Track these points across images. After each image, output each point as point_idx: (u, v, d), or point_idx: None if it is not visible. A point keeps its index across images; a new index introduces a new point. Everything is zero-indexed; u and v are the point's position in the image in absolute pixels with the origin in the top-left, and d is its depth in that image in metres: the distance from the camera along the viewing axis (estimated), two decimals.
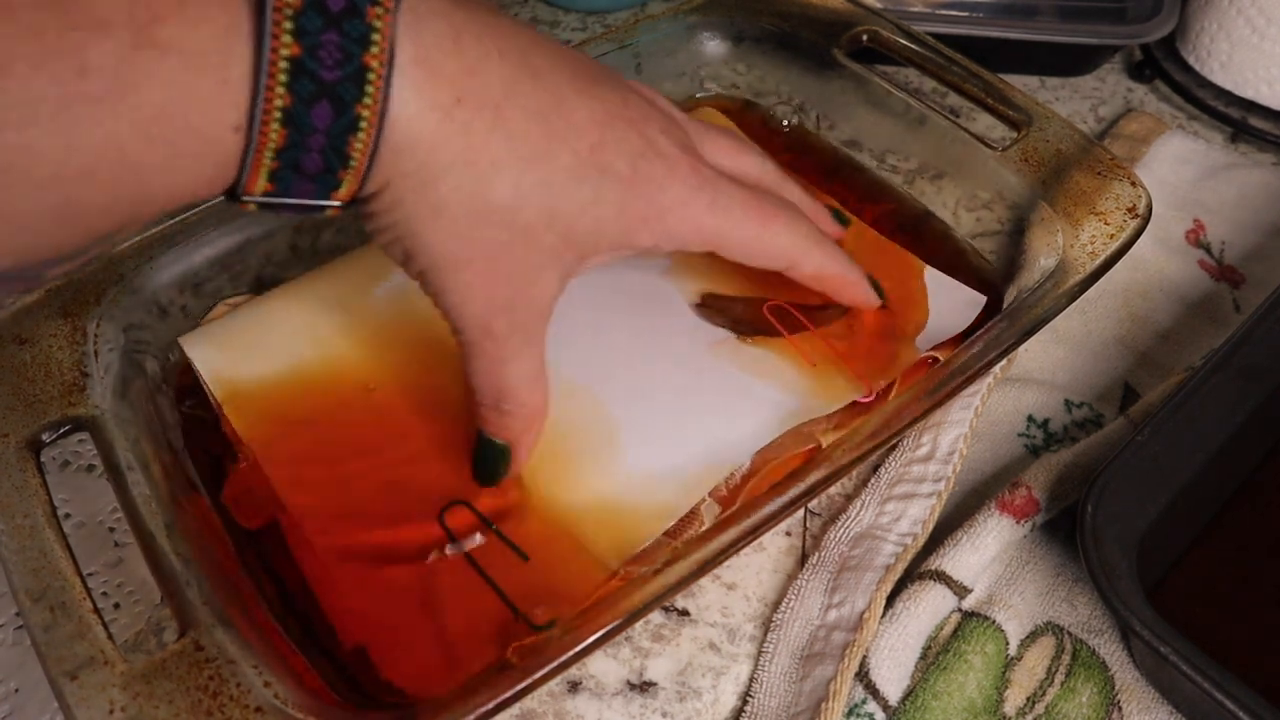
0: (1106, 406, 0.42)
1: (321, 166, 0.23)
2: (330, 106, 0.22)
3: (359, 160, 0.23)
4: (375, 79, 0.22)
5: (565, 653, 0.27)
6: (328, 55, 0.21)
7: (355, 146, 0.23)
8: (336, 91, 0.22)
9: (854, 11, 0.47)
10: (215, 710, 0.26)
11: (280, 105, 0.21)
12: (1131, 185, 0.40)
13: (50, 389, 0.32)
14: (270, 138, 0.22)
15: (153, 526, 0.30)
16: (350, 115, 0.22)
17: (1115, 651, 0.35)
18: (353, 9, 0.22)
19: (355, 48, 0.22)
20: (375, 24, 0.22)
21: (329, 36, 0.21)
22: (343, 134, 0.23)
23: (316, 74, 0.21)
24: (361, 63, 0.22)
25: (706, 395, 0.36)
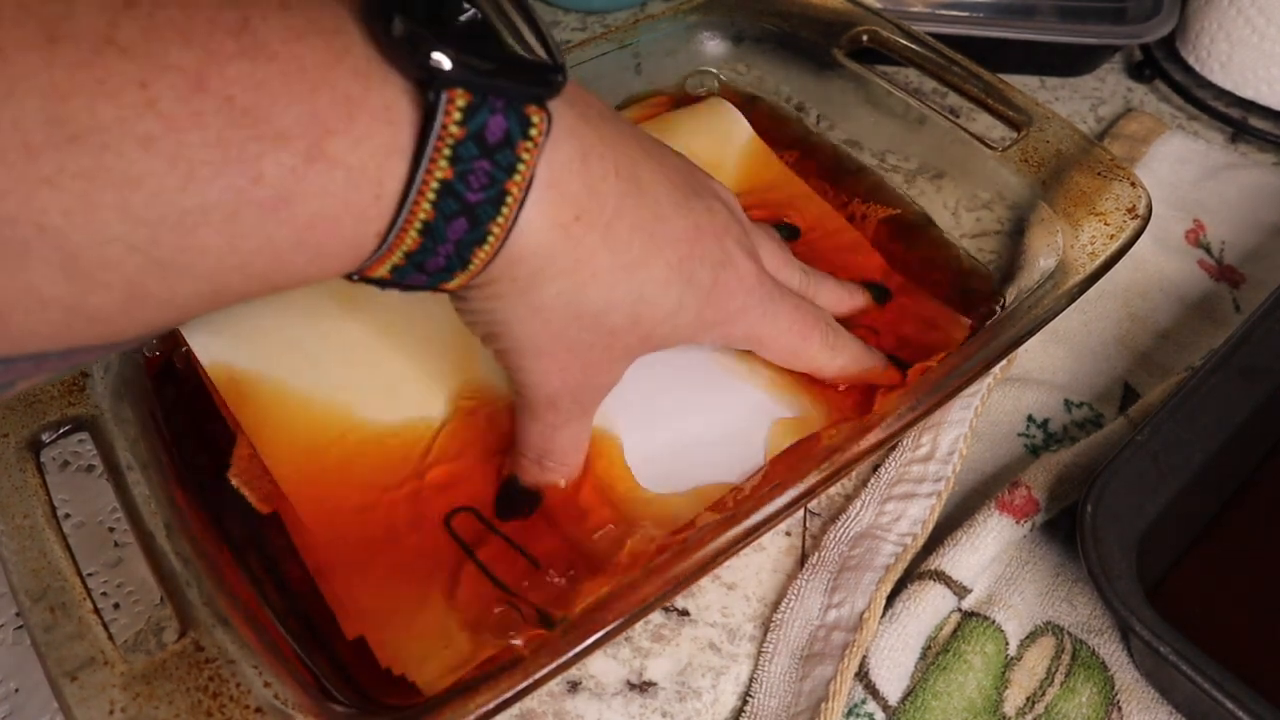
0: (1106, 406, 0.42)
1: (442, 267, 0.24)
2: (467, 222, 0.23)
3: (478, 266, 0.24)
4: (512, 202, 0.23)
5: (565, 653, 0.27)
6: (476, 180, 0.22)
7: (478, 256, 0.24)
8: (475, 211, 0.23)
9: (854, 11, 0.47)
10: (215, 710, 0.26)
11: (423, 219, 0.22)
12: (1131, 185, 0.40)
13: (50, 389, 0.32)
14: (405, 243, 0.23)
15: (153, 526, 0.30)
16: (482, 231, 0.23)
17: (1115, 651, 0.35)
18: (507, 141, 0.22)
19: (501, 175, 0.23)
20: (523, 156, 0.23)
21: (481, 164, 0.22)
22: (470, 245, 0.24)
23: (462, 196, 0.22)
24: (504, 189, 0.23)
25: (708, 407, 0.36)
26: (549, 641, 0.28)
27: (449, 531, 0.32)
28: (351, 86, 0.21)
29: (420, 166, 0.22)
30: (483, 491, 0.34)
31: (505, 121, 0.22)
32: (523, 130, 0.23)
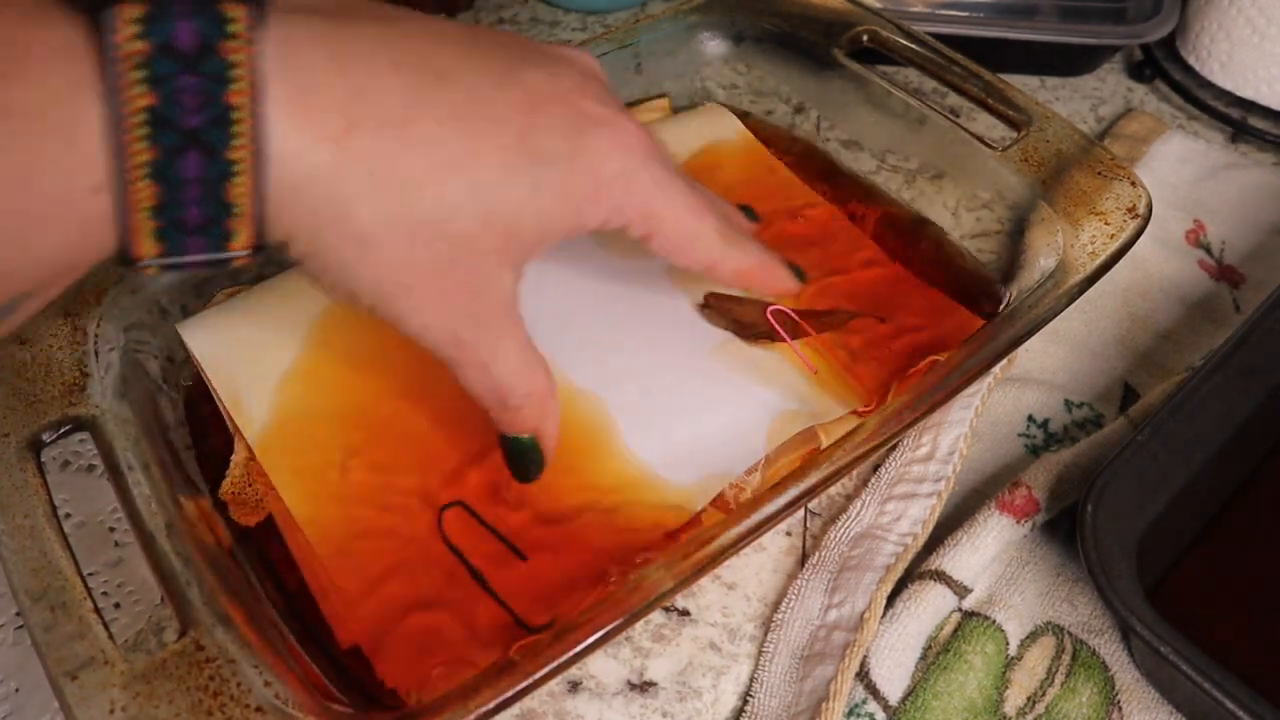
0: (1106, 406, 0.42)
1: (204, 219, 0.21)
2: (199, 154, 0.20)
3: (244, 206, 0.22)
4: (243, 117, 0.21)
5: (565, 653, 0.27)
6: (188, 100, 0.20)
7: (234, 192, 0.21)
8: (202, 138, 0.20)
9: (854, 11, 0.47)
10: (215, 710, 0.26)
11: (144, 160, 0.20)
12: (1131, 185, 0.40)
13: (51, 389, 0.32)
14: (140, 196, 0.20)
15: (153, 526, 0.30)
16: (222, 160, 0.21)
17: (1115, 651, 0.35)
18: (206, 48, 0.20)
19: (216, 87, 0.20)
20: (233, 59, 0.20)
21: (186, 80, 0.20)
22: (219, 181, 0.21)
23: (177, 122, 0.20)
24: (225, 103, 0.20)
25: (709, 400, 0.36)
26: (549, 641, 0.28)
27: (440, 534, 0.32)
28: (15, 31, 0.19)
29: (114, 98, 0.19)
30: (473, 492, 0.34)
31: (194, 24, 0.20)
32: (219, 29, 0.20)
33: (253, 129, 0.21)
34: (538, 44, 0.28)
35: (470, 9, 0.63)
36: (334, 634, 0.31)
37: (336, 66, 0.22)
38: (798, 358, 0.38)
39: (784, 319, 0.39)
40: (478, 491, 0.34)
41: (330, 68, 0.22)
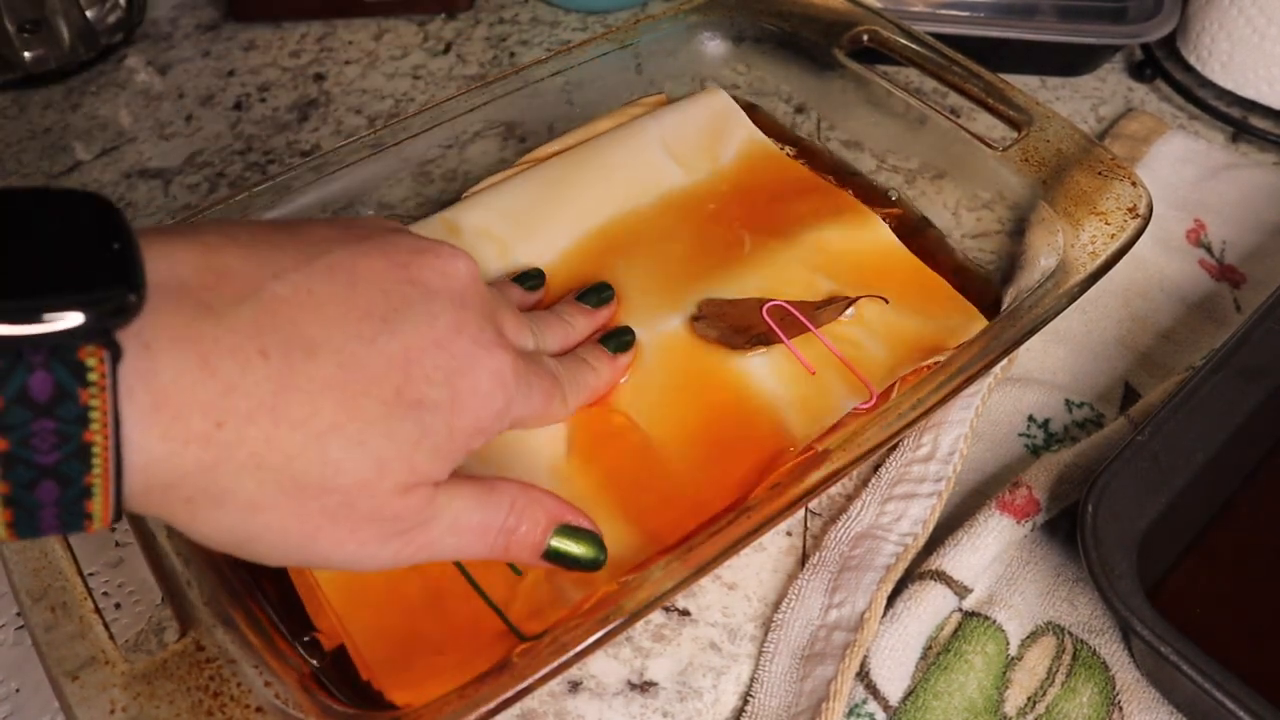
0: (1107, 406, 0.42)
1: (59, 524, 0.21)
2: (55, 484, 0.21)
3: (100, 514, 0.22)
4: (101, 452, 0.21)
5: (565, 653, 0.27)
6: (41, 442, 0.20)
7: (93, 508, 0.21)
8: (59, 471, 0.20)
9: (854, 11, 0.47)
10: (216, 710, 0.26)
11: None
12: (1132, 185, 0.40)
13: None
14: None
15: (153, 526, 0.30)
16: (78, 488, 0.21)
17: (1116, 651, 0.35)
18: (63, 394, 0.20)
19: (73, 429, 0.20)
20: (91, 404, 0.20)
21: (42, 425, 0.20)
22: (75, 501, 0.21)
23: (31, 461, 0.20)
24: (82, 441, 0.20)
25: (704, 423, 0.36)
26: (549, 641, 0.28)
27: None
28: None
29: None
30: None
31: (51, 375, 0.20)
32: (79, 378, 0.20)
33: (111, 458, 0.21)
34: (419, 263, 0.27)
35: (470, 9, 0.63)
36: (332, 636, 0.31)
37: (202, 368, 0.22)
38: (796, 359, 0.38)
39: (782, 315, 0.38)
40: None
41: (195, 372, 0.22)
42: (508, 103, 0.44)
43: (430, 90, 0.57)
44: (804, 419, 0.36)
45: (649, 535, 0.33)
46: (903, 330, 0.39)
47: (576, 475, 0.35)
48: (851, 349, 0.38)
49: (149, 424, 0.21)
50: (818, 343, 0.38)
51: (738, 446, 0.35)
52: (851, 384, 0.37)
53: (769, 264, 0.41)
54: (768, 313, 0.38)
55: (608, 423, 0.36)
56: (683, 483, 0.34)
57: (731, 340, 0.38)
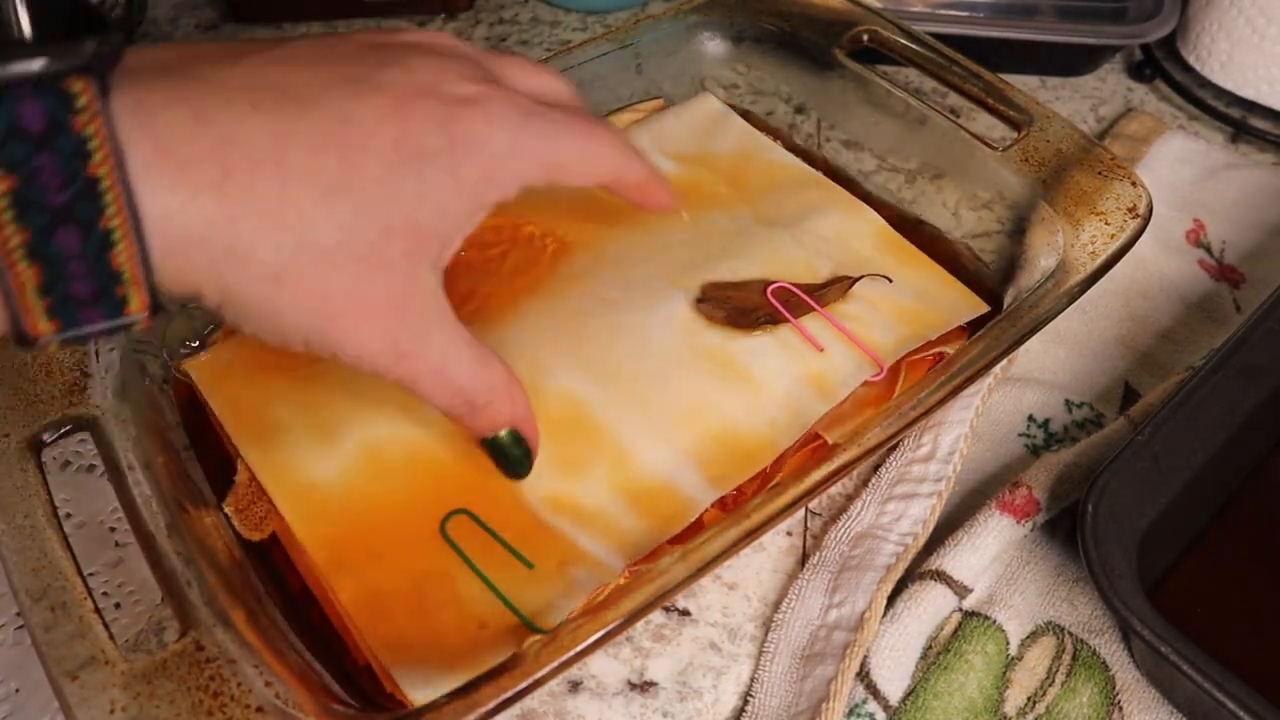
0: (1107, 406, 0.42)
1: (96, 291, 0.21)
2: (75, 229, 0.21)
3: (131, 271, 0.22)
4: (110, 187, 0.21)
5: (566, 653, 0.27)
6: (49, 179, 0.20)
7: (119, 261, 0.21)
8: (73, 213, 0.20)
9: (854, 11, 0.47)
10: (216, 710, 0.26)
11: (18, 243, 0.20)
12: (1132, 185, 0.40)
13: (51, 389, 0.32)
14: (23, 277, 0.21)
15: (153, 526, 0.30)
16: (99, 231, 0.21)
17: (1116, 651, 0.35)
18: (55, 125, 0.20)
19: (75, 162, 0.20)
20: (86, 131, 0.20)
21: (43, 159, 0.20)
22: (102, 252, 0.21)
23: (43, 202, 0.20)
24: (87, 176, 0.20)
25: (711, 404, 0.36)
26: (550, 641, 0.28)
27: (445, 538, 0.32)
28: None
29: None
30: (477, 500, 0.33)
31: (40, 103, 0.20)
32: (65, 104, 0.20)
33: (122, 195, 0.21)
34: (390, 36, 0.28)
35: (470, 9, 0.63)
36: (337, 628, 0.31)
37: (197, 120, 0.22)
38: (803, 337, 0.38)
39: (786, 296, 0.39)
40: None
41: (191, 122, 0.22)
42: None
43: None
44: (816, 394, 0.36)
45: (661, 521, 0.33)
46: (905, 308, 0.39)
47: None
48: (857, 326, 0.38)
49: (155, 173, 0.21)
50: (823, 322, 0.38)
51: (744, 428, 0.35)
52: (860, 358, 0.37)
53: (768, 248, 0.41)
54: (772, 294, 0.39)
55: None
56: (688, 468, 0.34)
57: (739, 321, 0.38)
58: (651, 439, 0.35)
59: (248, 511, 0.34)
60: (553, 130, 0.28)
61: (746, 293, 0.39)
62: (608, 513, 0.33)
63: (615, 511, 0.33)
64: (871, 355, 0.37)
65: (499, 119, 0.27)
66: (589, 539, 0.33)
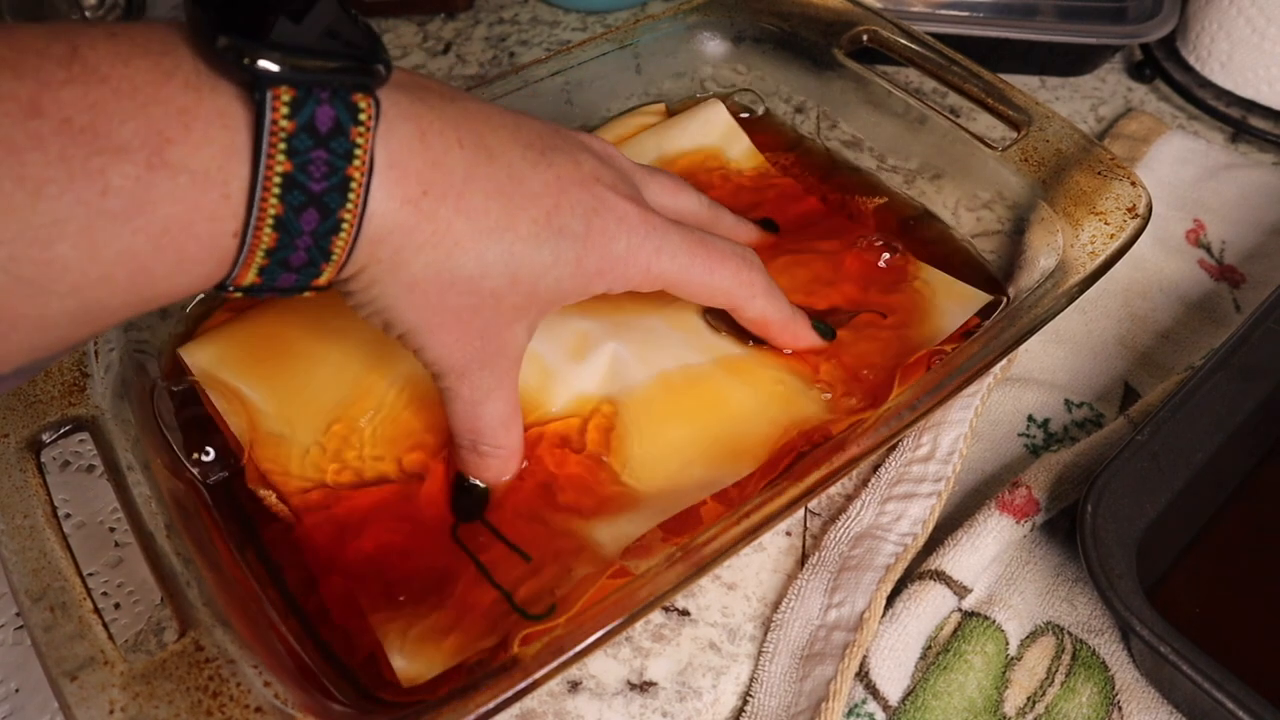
0: (1106, 406, 0.42)
1: (306, 261, 0.25)
2: (317, 213, 0.24)
3: (340, 254, 0.26)
4: (357, 187, 0.25)
5: (565, 652, 0.27)
6: (316, 170, 0.24)
7: (337, 244, 0.25)
8: (323, 200, 0.24)
9: (854, 11, 0.47)
10: (215, 710, 0.26)
11: (273, 214, 0.24)
12: (1132, 185, 0.40)
13: (50, 389, 0.32)
14: (263, 240, 0.24)
15: (153, 526, 0.30)
16: (334, 219, 0.25)
17: (1115, 651, 0.35)
18: (339, 129, 0.24)
19: (340, 162, 0.24)
20: (358, 141, 0.24)
21: (318, 154, 0.24)
22: (327, 235, 0.25)
23: (306, 186, 0.24)
24: (345, 174, 0.24)
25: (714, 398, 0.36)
26: (549, 641, 0.28)
27: (454, 538, 0.32)
28: (184, 98, 0.22)
29: (260, 163, 0.23)
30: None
31: (333, 110, 0.24)
32: (352, 117, 0.24)
33: (361, 196, 0.25)
34: (566, 131, 0.33)
35: (470, 9, 0.63)
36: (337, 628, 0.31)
37: (420, 141, 0.26)
38: (800, 359, 0.38)
39: None
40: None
41: (416, 142, 0.26)
42: (507, 103, 0.44)
43: None
44: (814, 400, 0.36)
45: (653, 513, 0.33)
46: (903, 337, 0.39)
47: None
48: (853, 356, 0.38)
49: (381, 180, 0.26)
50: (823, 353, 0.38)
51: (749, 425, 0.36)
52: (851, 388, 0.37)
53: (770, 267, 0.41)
54: None
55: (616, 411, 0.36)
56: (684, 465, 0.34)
57: (742, 334, 0.38)
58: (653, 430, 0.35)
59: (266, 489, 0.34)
60: (671, 249, 0.32)
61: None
62: (606, 505, 0.33)
63: (613, 504, 0.33)
64: (863, 388, 0.37)
65: (626, 227, 0.31)
66: (584, 528, 0.33)
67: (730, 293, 0.35)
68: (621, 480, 0.34)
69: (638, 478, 0.34)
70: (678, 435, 0.35)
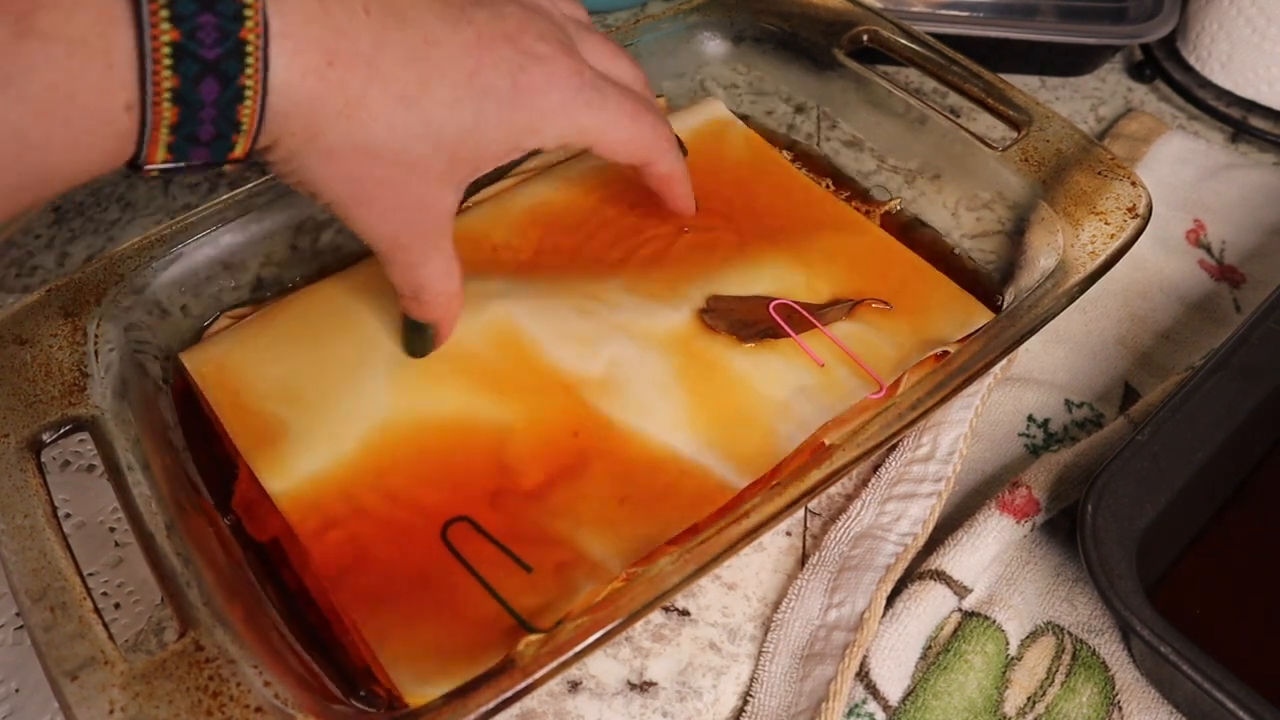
0: (1106, 406, 0.42)
1: (214, 134, 0.25)
2: (216, 81, 0.24)
3: (248, 125, 0.25)
4: (253, 51, 0.24)
5: (566, 653, 0.27)
6: (206, 36, 0.23)
7: (243, 114, 0.25)
8: (220, 68, 0.24)
9: (854, 11, 0.47)
10: (215, 710, 0.26)
11: (169, 86, 0.23)
12: (1132, 185, 0.40)
13: (51, 389, 0.32)
14: (164, 115, 0.24)
15: (153, 526, 0.30)
16: (235, 87, 0.24)
17: (1115, 651, 0.35)
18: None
19: (231, 25, 0.23)
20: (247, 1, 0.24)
21: (205, 18, 0.23)
22: (231, 104, 0.24)
23: (198, 54, 0.23)
24: (238, 39, 0.24)
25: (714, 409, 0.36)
26: (549, 641, 0.28)
27: (446, 544, 0.32)
28: None
29: (144, 31, 0.22)
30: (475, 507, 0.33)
31: None
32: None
33: (260, 62, 0.24)
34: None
35: None
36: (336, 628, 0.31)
37: (319, 7, 0.26)
38: (803, 353, 0.38)
39: (789, 313, 0.39)
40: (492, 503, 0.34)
41: (314, 8, 0.25)
42: None
43: None
44: (813, 408, 0.36)
45: (659, 525, 0.33)
46: (906, 327, 0.39)
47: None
48: (858, 345, 0.38)
49: (279, 49, 0.25)
50: (824, 339, 0.38)
51: (745, 435, 0.35)
52: (860, 376, 0.37)
53: (770, 265, 0.41)
54: (774, 309, 0.39)
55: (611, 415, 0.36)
56: (688, 473, 0.34)
57: (740, 332, 0.38)
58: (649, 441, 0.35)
59: (253, 511, 0.34)
60: (601, 102, 0.32)
61: (749, 306, 0.39)
62: (607, 515, 0.33)
63: (614, 514, 0.33)
64: (871, 374, 0.37)
65: (558, 80, 0.31)
66: (588, 541, 0.33)
67: (649, 146, 0.35)
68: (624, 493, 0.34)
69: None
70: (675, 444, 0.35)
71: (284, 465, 0.34)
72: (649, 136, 0.34)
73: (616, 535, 0.33)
